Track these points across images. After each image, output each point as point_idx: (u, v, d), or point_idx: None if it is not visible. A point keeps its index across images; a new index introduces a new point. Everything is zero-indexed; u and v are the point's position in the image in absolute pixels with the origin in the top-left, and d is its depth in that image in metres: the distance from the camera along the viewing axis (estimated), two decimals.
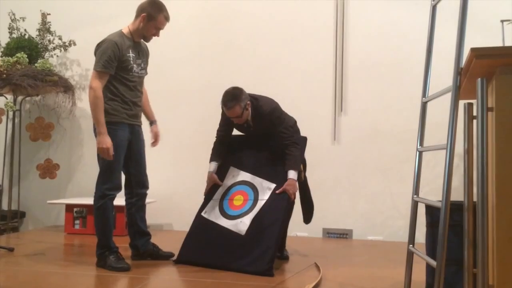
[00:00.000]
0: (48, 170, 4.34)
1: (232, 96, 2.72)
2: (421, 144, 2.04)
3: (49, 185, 4.44)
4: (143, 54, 2.85)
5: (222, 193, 2.92)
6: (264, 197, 2.79)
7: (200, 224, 2.86)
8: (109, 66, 2.63)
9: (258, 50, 4.16)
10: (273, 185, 2.81)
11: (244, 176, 2.93)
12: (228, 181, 2.95)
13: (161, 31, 2.79)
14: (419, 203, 2.00)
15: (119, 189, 2.76)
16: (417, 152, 2.04)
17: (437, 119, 2.81)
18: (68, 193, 4.47)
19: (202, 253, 2.74)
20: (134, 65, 2.75)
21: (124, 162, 2.79)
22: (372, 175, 3.89)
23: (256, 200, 2.81)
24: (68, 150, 4.53)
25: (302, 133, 3.04)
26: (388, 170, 3.84)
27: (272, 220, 2.68)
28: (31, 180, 4.50)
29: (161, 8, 2.72)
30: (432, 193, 3.34)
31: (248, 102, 2.79)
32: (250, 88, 4.05)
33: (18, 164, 4.32)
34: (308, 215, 3.01)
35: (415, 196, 1.99)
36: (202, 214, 2.89)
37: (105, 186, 2.67)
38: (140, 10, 2.72)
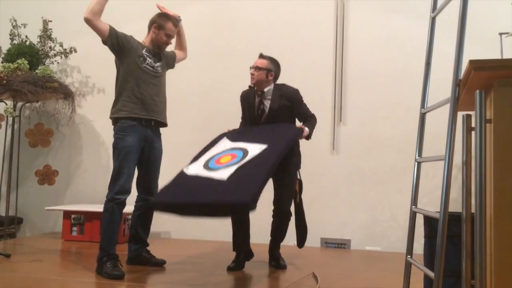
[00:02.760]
0: (47, 176, 4.33)
1: (270, 57, 3.01)
2: (420, 155, 2.05)
3: (47, 192, 4.43)
4: (159, 59, 2.95)
5: (209, 156, 2.68)
6: (254, 153, 2.53)
7: (180, 178, 2.57)
8: (116, 32, 2.78)
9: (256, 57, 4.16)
10: (264, 146, 2.56)
11: (236, 144, 2.72)
12: (219, 149, 2.74)
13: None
14: (417, 214, 2.00)
15: (127, 193, 2.77)
16: (416, 163, 2.05)
17: (436, 130, 2.83)
18: (67, 199, 4.46)
19: (178, 195, 2.43)
20: (148, 59, 2.86)
21: (138, 165, 2.87)
22: (371, 185, 3.89)
23: (245, 155, 2.55)
24: (67, 156, 4.53)
25: (301, 147, 3.06)
26: (387, 181, 3.85)
27: (263, 160, 2.43)
28: (30, 186, 4.50)
29: (169, 17, 2.96)
30: (431, 204, 3.34)
31: (273, 73, 2.96)
32: None
33: (16, 170, 4.32)
34: (301, 239, 2.97)
35: (414, 207, 2.00)
36: (184, 170, 2.62)
37: (114, 190, 2.73)
38: (151, 23, 2.95)
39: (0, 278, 2.56)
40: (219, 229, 3.56)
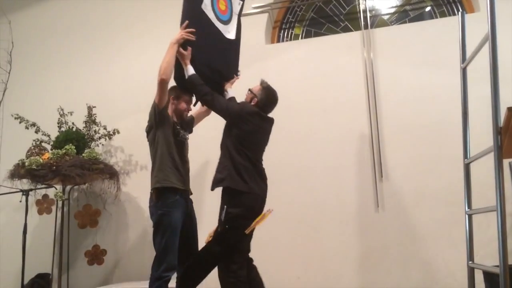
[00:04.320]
0: (96, 256, 4.40)
1: (267, 86, 3.09)
2: (469, 206, 1.99)
3: (97, 271, 4.48)
4: (185, 129, 3.07)
5: None
6: (236, 10, 3.23)
7: (200, 16, 2.96)
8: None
9: (292, 123, 4.23)
10: (241, 1, 3.27)
11: None
12: None
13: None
14: (475, 269, 1.90)
15: (174, 269, 2.76)
16: (466, 216, 1.98)
17: (483, 177, 2.74)
18: (116, 278, 4.49)
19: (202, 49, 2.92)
20: (181, 131, 2.97)
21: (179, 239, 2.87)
22: (422, 242, 3.73)
23: (231, 12, 3.19)
24: (114, 235, 4.62)
25: (345, 206, 3.02)
26: (438, 235, 3.69)
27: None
28: (79, 268, 4.57)
29: None
30: (489, 256, 3.15)
31: (257, 100, 2.96)
32: (286, 162, 4.13)
33: (67, 252, 4.42)
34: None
35: (470, 262, 1.91)
36: (202, 7, 2.96)
37: (161, 268, 2.69)
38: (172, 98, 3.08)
39: None
40: None
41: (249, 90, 3.04)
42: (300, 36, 4.62)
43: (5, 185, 4.11)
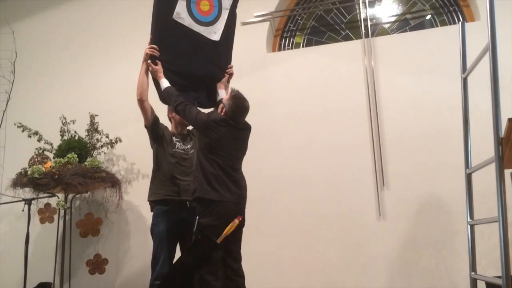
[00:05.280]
0: (97, 265, 4.40)
1: (235, 93, 2.95)
2: (471, 216, 1.99)
3: (98, 281, 4.47)
4: (189, 140, 3.13)
5: None
6: (227, 5, 3.15)
7: (172, 27, 2.99)
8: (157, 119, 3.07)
9: (293, 132, 4.24)
10: None
11: None
12: None
13: None
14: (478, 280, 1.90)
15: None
16: (468, 226, 1.98)
17: (484, 187, 2.71)
18: (117, 287, 4.48)
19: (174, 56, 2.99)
20: (178, 143, 3.04)
21: (181, 250, 2.95)
22: (424, 251, 3.72)
23: (220, 8, 3.12)
24: (116, 243, 4.61)
25: (346, 214, 3.02)
26: (440, 244, 3.67)
27: None
28: (81, 277, 4.55)
29: None
30: (491, 265, 3.15)
31: (225, 109, 2.87)
32: (287, 170, 4.13)
33: (68, 261, 4.41)
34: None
35: (473, 273, 1.90)
36: (174, 17, 2.97)
37: (153, 276, 2.80)
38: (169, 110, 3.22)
39: None
40: None
41: (221, 100, 3.04)
42: (301, 44, 4.63)
43: (8, 194, 4.12)
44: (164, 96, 2.94)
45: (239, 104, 2.89)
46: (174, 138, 3.05)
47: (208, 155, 2.75)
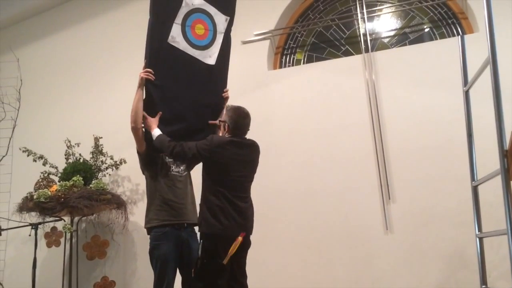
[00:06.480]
0: None
1: (231, 107, 2.96)
2: (480, 229, 1.98)
3: None
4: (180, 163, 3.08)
5: (182, 15, 3.02)
6: (221, 29, 3.18)
7: (168, 51, 2.97)
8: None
9: (297, 148, 4.25)
10: (227, 17, 3.22)
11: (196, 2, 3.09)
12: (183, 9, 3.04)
13: None
14: None
15: None
16: (477, 239, 1.97)
17: (490, 198, 2.71)
18: None
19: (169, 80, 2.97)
20: (172, 166, 2.99)
21: (179, 269, 2.91)
22: (433, 264, 3.69)
23: (215, 32, 3.15)
24: (123, 265, 4.59)
25: (353, 229, 3.00)
26: (449, 257, 3.64)
27: None
28: None
29: None
30: (502, 277, 3.12)
31: (227, 124, 2.87)
32: (292, 186, 4.12)
33: (76, 285, 4.39)
34: None
35: (483, 286, 1.89)
36: (169, 41, 2.96)
37: None
38: None
39: None
40: None
41: (219, 120, 3.03)
42: (302, 61, 4.67)
43: (14, 218, 4.12)
44: (156, 144, 2.87)
45: (239, 112, 2.87)
46: (167, 159, 3.00)
47: (213, 187, 2.71)
